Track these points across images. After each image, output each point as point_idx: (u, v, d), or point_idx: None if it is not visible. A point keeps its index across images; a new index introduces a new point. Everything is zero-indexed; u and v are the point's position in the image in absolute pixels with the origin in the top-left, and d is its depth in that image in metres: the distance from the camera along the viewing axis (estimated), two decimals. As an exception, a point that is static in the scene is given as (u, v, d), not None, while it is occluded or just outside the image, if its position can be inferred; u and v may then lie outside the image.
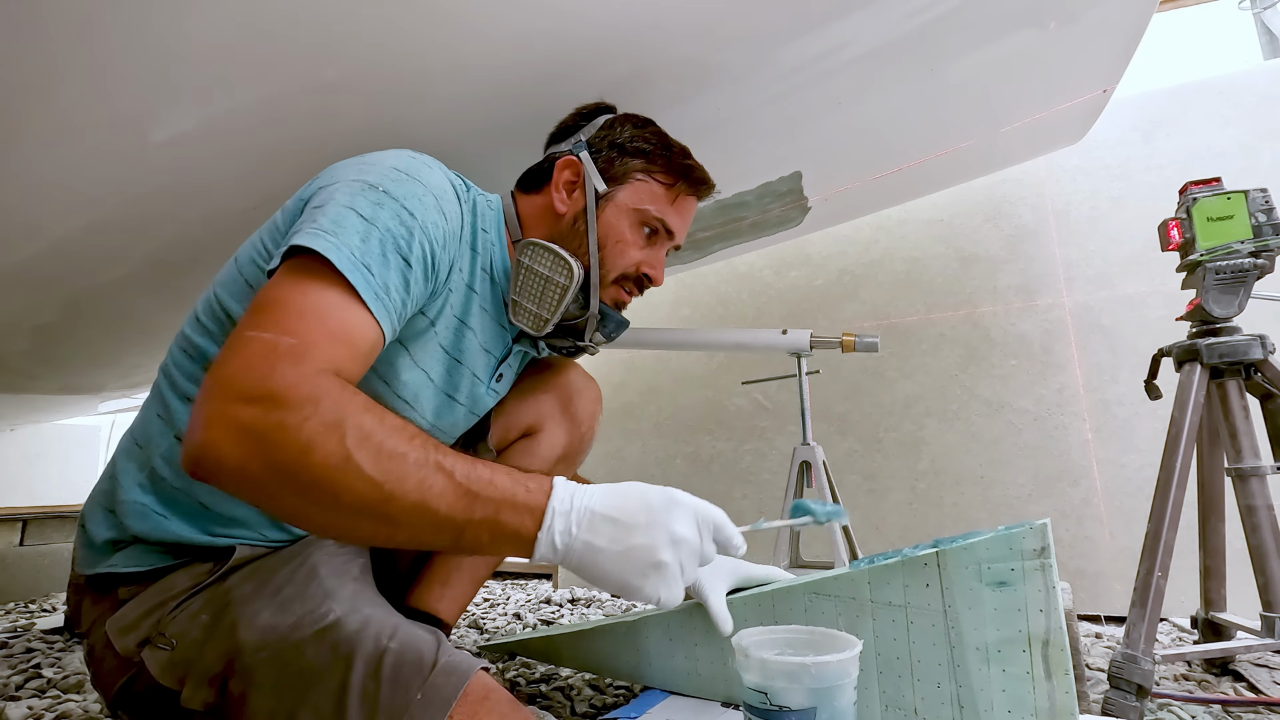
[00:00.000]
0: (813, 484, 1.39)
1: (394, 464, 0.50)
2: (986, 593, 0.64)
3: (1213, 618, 1.15)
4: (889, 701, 0.70)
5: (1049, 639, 0.61)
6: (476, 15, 0.80)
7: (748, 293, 2.20)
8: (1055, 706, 0.61)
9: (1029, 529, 0.63)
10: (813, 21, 0.94)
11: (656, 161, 0.84)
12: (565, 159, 0.84)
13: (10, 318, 1.33)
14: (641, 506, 0.56)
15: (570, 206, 0.83)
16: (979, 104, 1.32)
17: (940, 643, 0.66)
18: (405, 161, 0.69)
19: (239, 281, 0.70)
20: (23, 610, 1.96)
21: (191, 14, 0.71)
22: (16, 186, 0.92)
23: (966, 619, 0.65)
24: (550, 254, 0.78)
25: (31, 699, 1.12)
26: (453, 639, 1.51)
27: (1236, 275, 1.05)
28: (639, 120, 0.88)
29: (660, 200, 0.85)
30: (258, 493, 0.50)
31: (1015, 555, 0.63)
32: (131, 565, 0.68)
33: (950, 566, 0.66)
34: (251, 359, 0.51)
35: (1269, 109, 1.69)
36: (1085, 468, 1.69)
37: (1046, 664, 0.61)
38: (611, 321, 0.86)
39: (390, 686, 0.57)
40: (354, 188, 0.64)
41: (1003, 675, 0.63)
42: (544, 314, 0.79)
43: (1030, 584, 0.62)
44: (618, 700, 1.08)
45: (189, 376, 0.69)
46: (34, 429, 2.92)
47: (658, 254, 0.87)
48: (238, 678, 0.61)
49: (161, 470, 0.68)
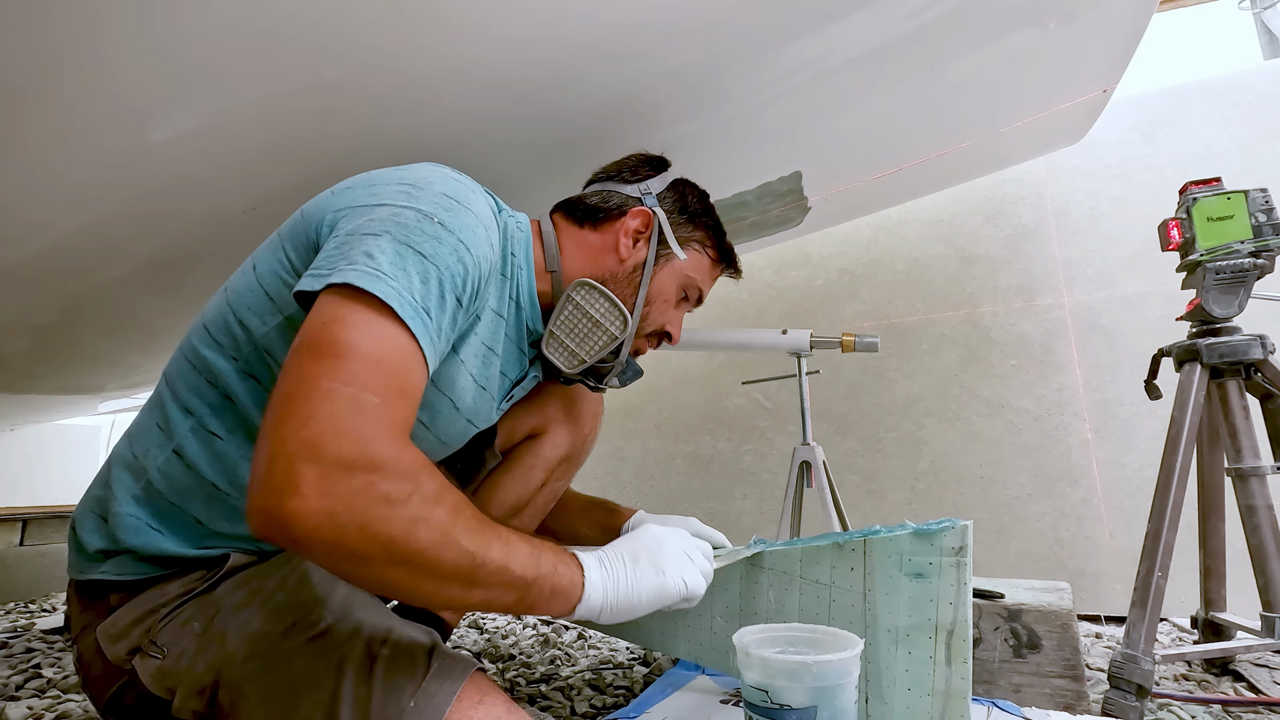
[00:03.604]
0: (813, 484, 1.39)
1: (482, 534, 0.53)
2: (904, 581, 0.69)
3: (1213, 618, 1.15)
4: None
5: (954, 629, 0.66)
6: (477, 16, 0.80)
7: (748, 293, 2.20)
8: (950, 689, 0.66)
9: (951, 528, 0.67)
10: (813, 21, 0.94)
11: (712, 238, 0.90)
12: (640, 209, 0.84)
13: (10, 318, 1.33)
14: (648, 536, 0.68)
15: (633, 256, 0.84)
16: (979, 104, 1.33)
17: (857, 622, 0.72)
18: (453, 186, 0.66)
19: (258, 294, 0.65)
20: (23, 610, 1.96)
21: (191, 14, 0.71)
22: (16, 185, 0.92)
23: (883, 603, 0.70)
24: (606, 301, 0.80)
25: (31, 699, 1.12)
26: (452, 639, 1.51)
27: (1236, 275, 1.05)
28: (700, 191, 0.92)
29: (705, 272, 0.90)
30: (349, 564, 0.48)
31: (935, 551, 0.68)
32: (123, 574, 0.66)
33: (874, 554, 0.72)
34: (339, 418, 0.48)
35: (1269, 109, 1.69)
36: (1085, 468, 1.69)
37: (949, 651, 0.66)
38: (630, 370, 0.91)
39: (382, 694, 0.56)
40: (408, 217, 0.60)
41: (908, 657, 0.68)
42: (582, 354, 0.82)
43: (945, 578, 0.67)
44: (618, 700, 1.08)
45: (192, 389, 0.67)
46: (34, 429, 2.92)
47: (680, 315, 0.92)
48: (226, 689, 0.60)
49: (158, 484, 0.66)
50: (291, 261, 0.65)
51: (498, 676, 1.21)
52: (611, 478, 2.28)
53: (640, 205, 0.85)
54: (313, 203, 0.68)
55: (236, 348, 0.65)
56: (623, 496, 2.22)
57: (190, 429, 0.66)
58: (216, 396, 0.66)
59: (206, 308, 0.71)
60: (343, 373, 0.50)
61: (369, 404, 0.50)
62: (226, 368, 0.65)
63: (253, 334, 0.65)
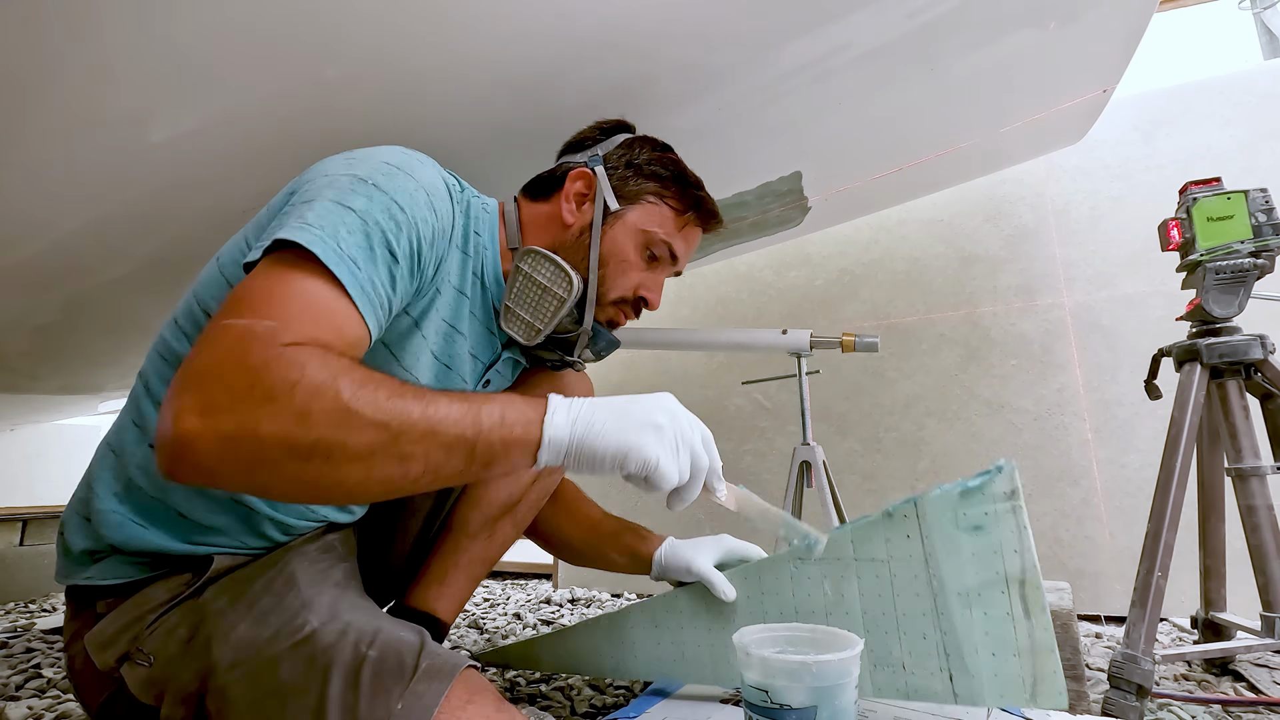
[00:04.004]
0: (813, 484, 1.39)
1: (395, 402, 0.50)
2: (963, 538, 0.66)
3: (1213, 618, 1.15)
4: (877, 660, 0.72)
5: (1025, 578, 0.64)
6: (476, 14, 0.80)
7: (748, 293, 2.20)
8: (1035, 644, 0.63)
9: (998, 473, 0.65)
10: (813, 21, 0.94)
11: (671, 187, 0.84)
12: (579, 170, 0.83)
13: (10, 318, 1.33)
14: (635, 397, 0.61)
15: (578, 219, 0.82)
16: (979, 104, 1.32)
17: (924, 592, 0.69)
18: (397, 156, 0.68)
19: (219, 281, 0.67)
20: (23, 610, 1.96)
21: (192, 14, 0.71)
22: (17, 185, 0.92)
23: (947, 565, 0.67)
24: (551, 264, 0.77)
25: (31, 699, 1.12)
26: (452, 638, 1.51)
27: (1236, 275, 1.05)
28: (658, 144, 0.88)
29: (669, 225, 0.84)
30: (259, 474, 0.48)
31: (988, 499, 0.65)
32: (109, 578, 0.66)
33: (928, 515, 0.69)
34: (226, 345, 0.49)
35: (1269, 109, 1.69)
36: (1085, 468, 1.69)
37: (1025, 603, 0.64)
38: (602, 340, 0.85)
39: (370, 697, 0.56)
40: (343, 182, 0.62)
41: (984, 618, 0.65)
42: (537, 324, 0.78)
43: (1004, 526, 0.65)
44: (618, 700, 1.08)
45: (165, 381, 0.67)
46: (34, 429, 2.91)
47: (657, 278, 0.86)
48: (213, 696, 0.59)
49: (138, 479, 0.66)
50: (249, 245, 0.67)
51: (497, 677, 1.21)
52: (611, 477, 2.27)
53: (583, 167, 0.83)
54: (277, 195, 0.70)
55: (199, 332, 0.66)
56: (622, 496, 2.23)
57: None
58: None
59: (178, 304, 0.72)
60: (242, 310, 0.51)
61: (261, 327, 0.49)
62: None
63: None
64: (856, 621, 0.73)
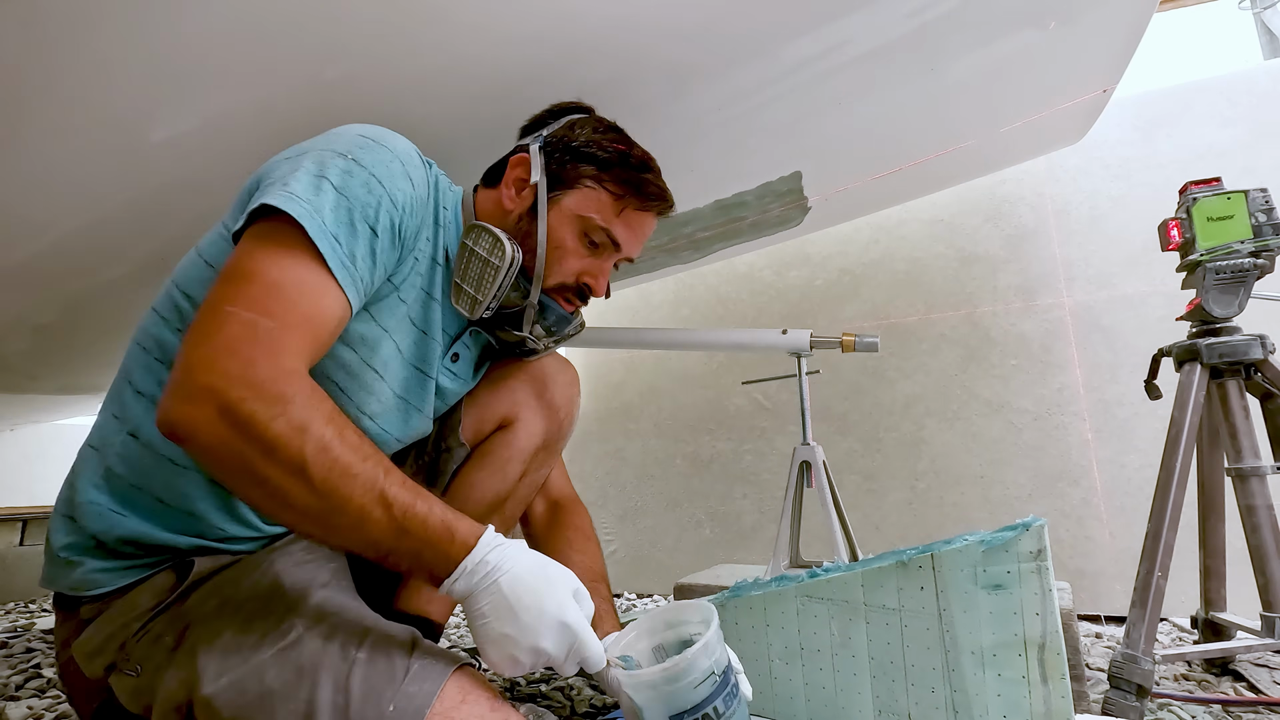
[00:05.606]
0: (813, 484, 1.39)
1: (342, 483, 0.54)
2: (982, 596, 0.63)
3: (1213, 618, 1.15)
4: (882, 706, 0.70)
5: (1045, 643, 0.61)
6: (475, 14, 0.80)
7: (748, 293, 2.20)
8: (1051, 710, 0.60)
9: (1025, 531, 0.61)
10: (813, 21, 0.94)
11: (608, 170, 0.80)
12: (518, 155, 0.81)
13: (10, 318, 1.33)
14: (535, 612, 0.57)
15: (517, 205, 0.80)
16: (979, 104, 1.32)
17: (935, 646, 0.65)
18: (374, 131, 0.70)
19: (200, 266, 0.68)
20: (23, 610, 1.96)
21: (192, 14, 0.71)
22: (17, 185, 0.92)
23: (961, 622, 0.64)
24: (490, 236, 0.76)
25: (31, 699, 1.12)
26: (451, 638, 1.51)
27: (1236, 275, 1.05)
28: (603, 125, 0.84)
29: (606, 210, 0.80)
30: (223, 471, 0.54)
31: (1011, 558, 0.62)
32: (90, 576, 0.65)
33: (945, 569, 0.65)
34: (232, 339, 0.54)
35: (1269, 109, 1.68)
36: (1085, 468, 1.69)
37: (1043, 668, 0.61)
38: (553, 314, 0.83)
39: (361, 700, 0.55)
40: (323, 156, 0.64)
41: (998, 680, 0.62)
42: (479, 297, 0.76)
43: (1026, 587, 0.61)
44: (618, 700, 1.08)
45: (145, 369, 0.68)
46: (34, 429, 2.92)
47: (602, 265, 0.83)
48: (201, 706, 0.57)
49: (117, 468, 0.66)
50: (229, 227, 0.68)
51: (497, 676, 1.21)
52: (611, 478, 2.28)
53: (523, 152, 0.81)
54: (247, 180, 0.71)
55: (181, 319, 0.68)
56: (622, 497, 2.23)
57: (145, 409, 0.66)
58: (167, 371, 0.65)
59: (157, 296, 0.72)
60: (242, 296, 0.56)
61: (263, 329, 0.55)
62: (173, 339, 0.67)
63: (196, 303, 0.67)
64: (863, 665, 0.71)
